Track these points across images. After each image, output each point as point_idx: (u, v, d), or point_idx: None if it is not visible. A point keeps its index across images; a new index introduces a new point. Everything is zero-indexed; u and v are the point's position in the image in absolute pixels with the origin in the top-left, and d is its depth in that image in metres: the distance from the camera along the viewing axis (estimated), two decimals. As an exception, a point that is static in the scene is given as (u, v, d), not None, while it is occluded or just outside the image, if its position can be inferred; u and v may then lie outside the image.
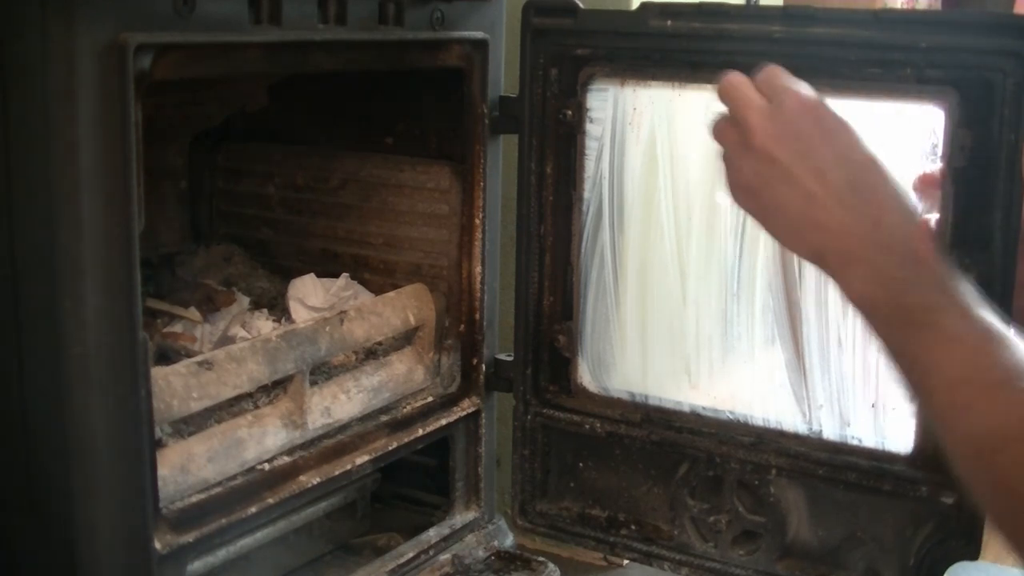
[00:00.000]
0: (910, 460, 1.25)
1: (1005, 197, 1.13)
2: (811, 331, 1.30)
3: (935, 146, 1.18)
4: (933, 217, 1.19)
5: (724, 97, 1.02)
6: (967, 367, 0.85)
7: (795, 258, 1.30)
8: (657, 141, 1.36)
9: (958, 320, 0.86)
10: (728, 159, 1.00)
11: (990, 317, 0.86)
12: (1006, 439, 0.81)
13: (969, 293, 0.88)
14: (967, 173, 1.15)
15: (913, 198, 0.95)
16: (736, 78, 1.00)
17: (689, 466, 1.40)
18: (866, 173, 0.94)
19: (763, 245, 1.32)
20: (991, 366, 0.84)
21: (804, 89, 0.98)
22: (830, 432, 1.30)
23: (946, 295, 0.87)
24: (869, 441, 1.28)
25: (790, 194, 0.94)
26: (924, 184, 1.20)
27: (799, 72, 1.24)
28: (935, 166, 1.18)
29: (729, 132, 1.00)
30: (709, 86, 1.29)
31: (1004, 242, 1.14)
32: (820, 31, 1.21)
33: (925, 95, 1.17)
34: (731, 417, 1.36)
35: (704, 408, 1.38)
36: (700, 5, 1.29)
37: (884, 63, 1.18)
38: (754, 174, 0.97)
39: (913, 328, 0.87)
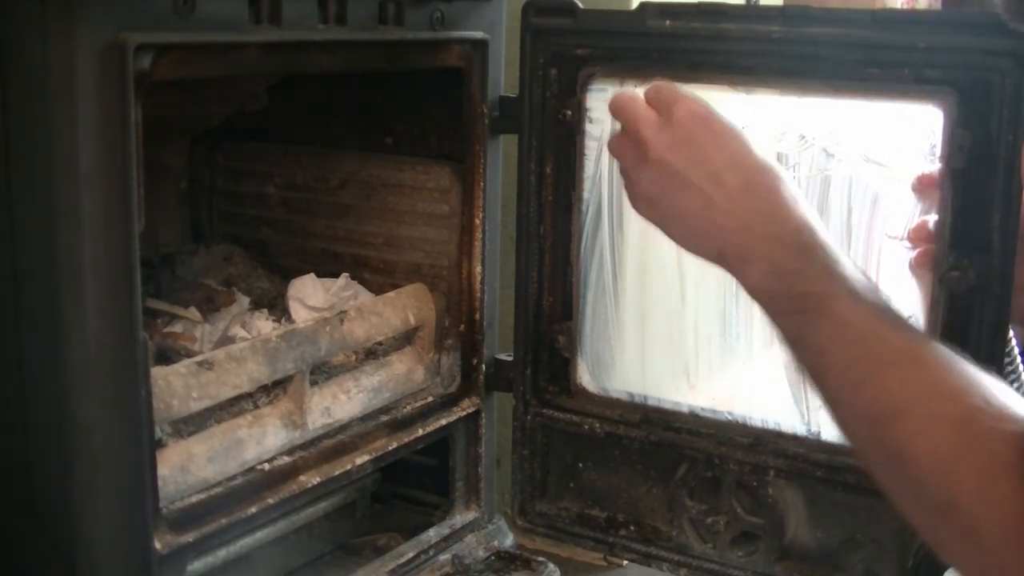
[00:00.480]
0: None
1: (1004, 198, 1.13)
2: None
3: (934, 146, 1.18)
4: (932, 218, 1.19)
5: (616, 114, 1.08)
6: (858, 348, 0.90)
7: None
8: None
9: (849, 305, 0.91)
10: (627, 173, 1.06)
11: (879, 301, 0.91)
12: (895, 413, 0.86)
13: (859, 280, 0.94)
14: (966, 174, 1.14)
15: (799, 193, 1.00)
16: (625, 95, 1.07)
17: (688, 467, 1.40)
18: (758, 175, 0.99)
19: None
20: (880, 346, 0.89)
21: (694, 100, 1.03)
22: (828, 433, 1.30)
23: (837, 282, 0.92)
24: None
25: (688, 200, 1.00)
26: (923, 185, 1.20)
27: (798, 72, 1.25)
28: (934, 167, 1.18)
29: (625, 147, 1.06)
30: (709, 86, 1.30)
31: (1003, 243, 1.14)
32: (818, 31, 1.21)
33: (924, 95, 1.17)
34: (730, 418, 1.36)
35: (703, 409, 1.38)
36: (699, 5, 1.29)
37: (883, 63, 1.18)
38: (652, 184, 1.03)
39: (807, 315, 0.92)
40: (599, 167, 1.39)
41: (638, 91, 1.08)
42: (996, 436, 0.82)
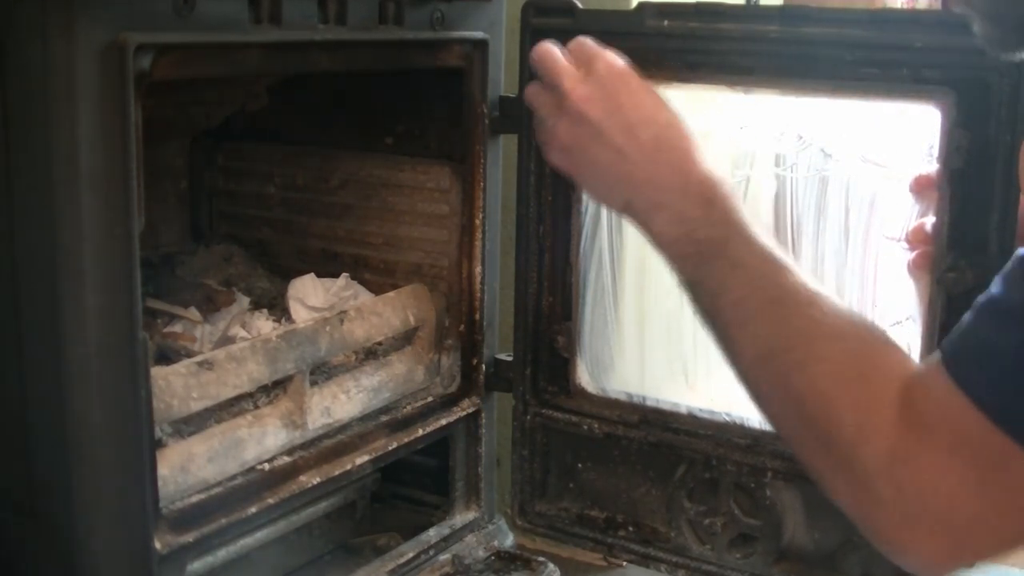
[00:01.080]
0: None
1: (1002, 198, 1.13)
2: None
3: (932, 147, 1.18)
4: (930, 219, 1.19)
5: (537, 64, 1.10)
6: (748, 287, 0.95)
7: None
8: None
9: (744, 249, 0.96)
10: (543, 122, 1.09)
11: (772, 247, 0.96)
12: (779, 349, 0.91)
13: (756, 230, 0.97)
14: (964, 174, 1.14)
15: (705, 151, 1.04)
16: (547, 46, 1.09)
17: (686, 468, 1.40)
18: (669, 130, 1.04)
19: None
20: (768, 286, 0.94)
21: (614, 56, 1.07)
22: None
23: (734, 229, 0.97)
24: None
25: (601, 151, 1.04)
26: (920, 186, 1.20)
27: (796, 72, 1.25)
28: (932, 167, 1.18)
29: (543, 96, 1.09)
30: (707, 86, 1.30)
31: (1000, 244, 1.13)
32: (817, 31, 1.21)
33: (922, 95, 1.17)
34: (728, 419, 1.36)
35: (701, 410, 1.38)
36: (697, 5, 1.29)
37: (881, 63, 1.18)
38: (567, 134, 1.06)
39: (704, 258, 0.98)
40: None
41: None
42: (875, 372, 0.86)
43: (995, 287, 0.82)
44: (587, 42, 1.09)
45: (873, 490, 0.82)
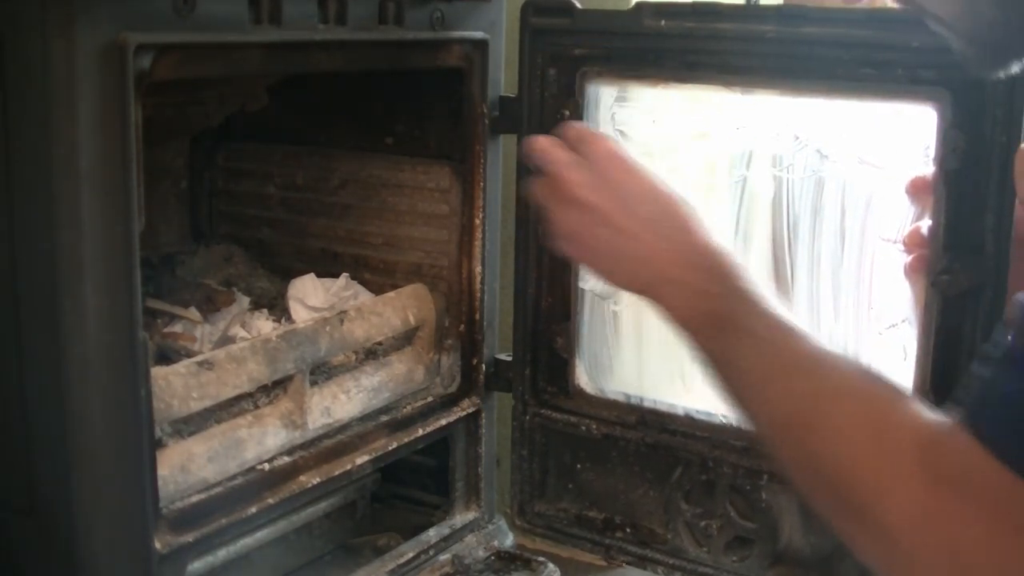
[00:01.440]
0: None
1: (997, 200, 1.12)
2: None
3: (928, 148, 1.18)
4: (926, 223, 1.19)
5: (532, 157, 1.12)
6: (757, 357, 0.95)
7: (787, 260, 1.31)
8: (653, 141, 1.36)
9: (750, 318, 0.96)
10: (547, 213, 1.10)
11: (779, 312, 0.96)
12: (799, 413, 0.90)
13: (762, 295, 0.98)
14: (959, 175, 1.14)
15: (708, 222, 1.05)
16: (540, 140, 1.12)
17: (683, 469, 1.40)
18: (668, 205, 1.05)
19: (756, 247, 1.32)
20: (777, 353, 0.94)
21: (607, 138, 1.10)
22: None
23: (743, 299, 0.98)
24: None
25: (603, 233, 1.06)
26: (916, 188, 1.20)
27: (793, 72, 1.25)
28: (928, 169, 1.18)
29: (545, 188, 1.10)
30: (704, 86, 1.30)
31: (996, 246, 1.13)
32: (813, 31, 1.21)
33: (918, 96, 1.17)
34: (724, 421, 1.36)
35: (698, 411, 1.38)
36: (694, 5, 1.29)
37: (877, 63, 1.18)
38: (569, 221, 1.08)
39: (713, 330, 0.98)
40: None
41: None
42: (889, 427, 0.85)
43: (1003, 335, 0.81)
44: (578, 127, 1.12)
45: (899, 547, 0.81)
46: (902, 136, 1.22)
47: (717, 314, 0.98)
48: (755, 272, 1.02)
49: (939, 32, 0.85)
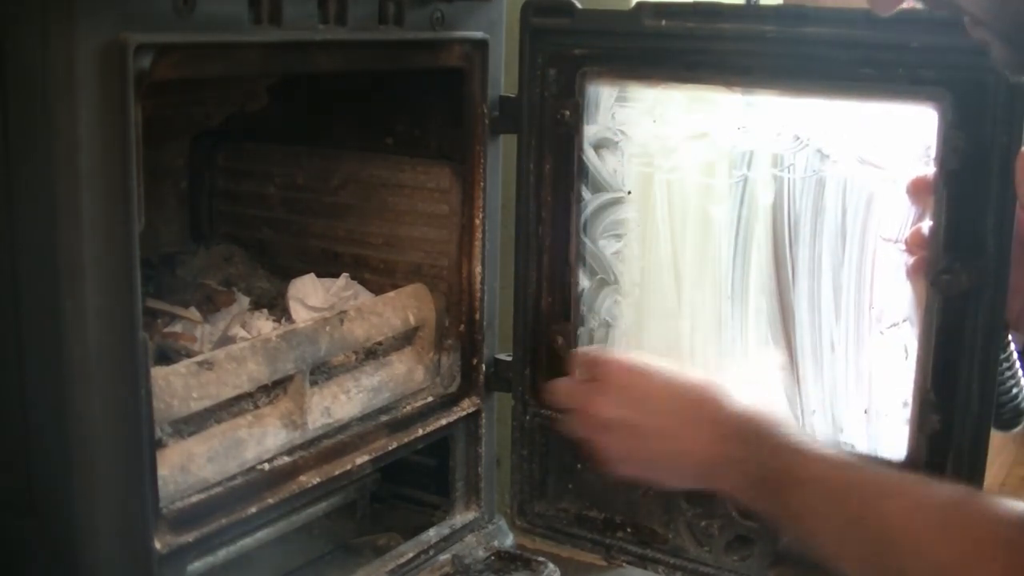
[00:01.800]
0: (903, 467, 1.25)
1: (998, 200, 1.12)
2: (804, 335, 1.30)
3: (928, 148, 1.18)
4: (927, 224, 1.19)
5: (561, 401, 1.21)
6: (825, 502, 0.97)
7: (788, 261, 1.31)
8: (653, 142, 1.36)
9: (806, 467, 0.99)
10: (597, 447, 1.16)
11: (829, 452, 1.00)
12: (881, 554, 0.91)
13: (809, 442, 1.01)
14: (960, 175, 1.14)
15: (734, 388, 1.10)
16: (559, 384, 1.21)
17: (685, 468, 1.40)
18: (691, 391, 1.10)
19: (756, 248, 1.32)
20: (844, 491, 0.96)
21: (614, 356, 1.16)
22: (823, 438, 1.30)
23: (788, 453, 1.01)
24: (862, 447, 1.27)
25: (645, 444, 1.10)
26: (917, 189, 1.20)
27: (793, 72, 1.25)
28: (928, 170, 1.18)
29: (578, 424, 1.17)
30: (705, 86, 1.30)
31: (997, 246, 1.13)
32: (813, 31, 1.21)
33: (919, 96, 1.17)
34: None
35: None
36: (695, 5, 1.29)
37: (877, 63, 1.18)
38: (613, 444, 1.14)
39: (775, 492, 1.01)
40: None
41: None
42: (981, 520, 0.87)
43: None
44: (586, 354, 1.18)
45: None
46: (903, 136, 1.22)
47: (774, 476, 1.00)
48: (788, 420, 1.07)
49: (978, 37, 0.85)
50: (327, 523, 1.54)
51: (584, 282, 1.42)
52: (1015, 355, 1.23)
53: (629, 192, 1.35)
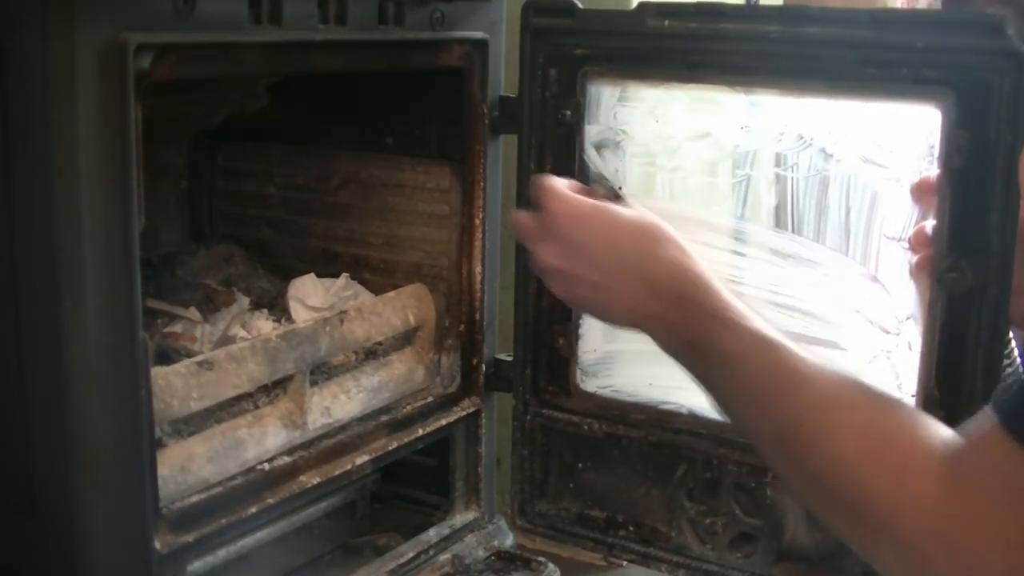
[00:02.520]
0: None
1: (1002, 199, 1.12)
2: (804, 333, 1.30)
3: (932, 147, 1.18)
4: (931, 223, 1.19)
5: (515, 237, 1.20)
6: (745, 375, 0.97)
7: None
8: (655, 141, 1.36)
9: (730, 337, 0.98)
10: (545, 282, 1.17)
11: (759, 325, 0.98)
12: (788, 426, 0.91)
13: (739, 310, 1.00)
14: (964, 174, 1.14)
15: (673, 238, 1.08)
16: (515, 216, 1.17)
17: (687, 468, 1.40)
18: (631, 240, 1.08)
19: (758, 247, 1.32)
20: (765, 367, 0.95)
21: (556, 192, 1.12)
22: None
23: (715, 320, 1.00)
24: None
25: (585, 290, 1.11)
26: (921, 190, 1.20)
27: (796, 72, 1.24)
28: (932, 169, 1.18)
29: (529, 260, 1.16)
30: (707, 86, 1.30)
31: (1001, 245, 1.13)
32: (816, 31, 1.21)
33: (922, 95, 1.17)
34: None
35: (701, 410, 1.37)
36: (697, 5, 1.29)
37: (881, 63, 1.18)
38: (559, 288, 1.14)
39: (698, 356, 1.01)
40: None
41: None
42: (900, 434, 0.86)
43: None
44: (537, 181, 1.14)
45: (922, 552, 0.81)
46: (906, 135, 1.22)
47: (699, 342, 1.00)
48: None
49: (996, 11, 0.84)
50: (327, 523, 1.54)
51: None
52: (1016, 353, 1.23)
53: (620, 188, 1.35)
